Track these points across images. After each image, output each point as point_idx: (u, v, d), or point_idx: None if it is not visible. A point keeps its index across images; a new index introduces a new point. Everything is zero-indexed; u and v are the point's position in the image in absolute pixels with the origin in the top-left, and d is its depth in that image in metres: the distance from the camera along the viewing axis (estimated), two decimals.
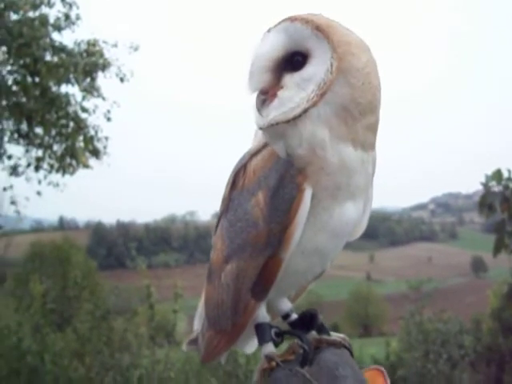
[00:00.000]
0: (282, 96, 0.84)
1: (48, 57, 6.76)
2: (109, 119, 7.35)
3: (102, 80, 7.27)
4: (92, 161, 7.52)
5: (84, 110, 7.26)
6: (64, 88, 7.12)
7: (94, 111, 7.32)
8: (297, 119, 0.82)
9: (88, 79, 7.13)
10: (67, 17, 6.86)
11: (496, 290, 7.25)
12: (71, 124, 7.25)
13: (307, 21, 0.82)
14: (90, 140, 7.36)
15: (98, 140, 7.43)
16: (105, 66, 7.12)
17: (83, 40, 7.06)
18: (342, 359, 0.85)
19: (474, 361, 6.56)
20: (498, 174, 4.80)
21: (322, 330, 0.93)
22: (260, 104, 0.86)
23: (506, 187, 4.77)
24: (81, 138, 7.36)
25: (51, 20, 6.76)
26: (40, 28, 6.46)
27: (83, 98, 7.22)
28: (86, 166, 7.47)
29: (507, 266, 5.85)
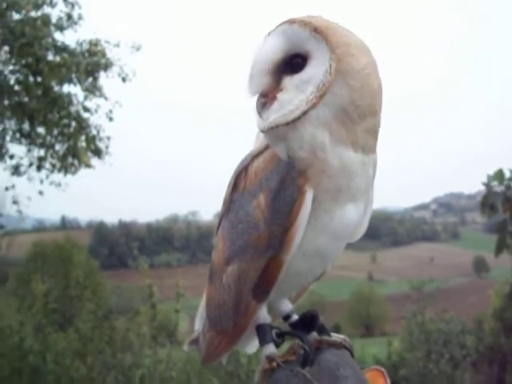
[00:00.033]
0: (281, 98, 0.85)
1: (50, 56, 6.77)
2: (111, 119, 7.36)
3: (104, 80, 7.30)
4: (94, 160, 7.54)
5: (86, 109, 7.27)
6: (66, 88, 7.15)
7: (96, 111, 7.34)
8: (296, 121, 0.82)
9: (90, 79, 7.13)
10: (69, 16, 6.87)
11: (498, 290, 7.24)
12: (73, 124, 7.26)
13: (305, 23, 0.82)
14: (91, 140, 7.37)
15: (100, 140, 7.44)
16: (107, 65, 7.12)
17: (85, 40, 7.07)
18: (342, 360, 0.86)
19: (476, 361, 6.56)
20: (499, 174, 4.79)
21: (322, 330, 0.93)
22: (260, 107, 0.87)
23: (508, 187, 4.76)
24: (83, 137, 7.37)
25: (53, 20, 6.77)
26: (42, 28, 6.47)
27: (85, 97, 7.23)
28: (88, 166, 7.48)
29: (509, 265, 5.84)
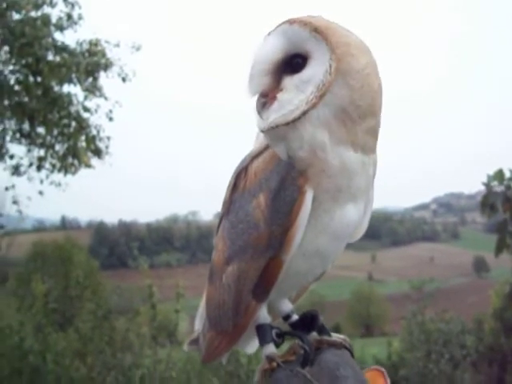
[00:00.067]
0: (281, 98, 0.85)
1: (50, 56, 6.77)
2: (111, 119, 7.36)
3: (104, 80, 7.30)
4: (94, 160, 7.54)
5: (86, 109, 7.28)
6: (66, 88, 7.15)
7: (96, 111, 7.34)
8: (296, 121, 0.81)
9: (90, 79, 7.14)
10: (69, 16, 6.87)
11: (498, 290, 7.24)
12: (73, 124, 7.26)
13: (305, 23, 0.82)
14: (91, 140, 7.37)
15: (100, 140, 7.44)
16: (107, 65, 7.12)
17: (85, 40, 7.07)
18: (342, 360, 0.85)
19: (476, 361, 6.56)
20: (499, 174, 4.79)
21: (322, 330, 0.93)
22: (260, 107, 0.87)
23: (508, 187, 4.76)
24: (83, 137, 7.37)
25: (53, 20, 6.77)
26: (42, 28, 6.47)
27: (85, 97, 7.23)
28: (88, 166, 7.48)
29: (509, 265, 5.84)
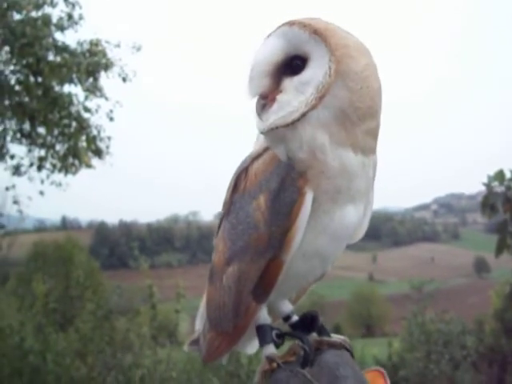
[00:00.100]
0: (281, 100, 0.85)
1: (51, 56, 6.76)
2: (111, 119, 7.35)
3: (105, 80, 7.28)
4: (94, 160, 7.53)
5: (86, 109, 7.27)
6: (67, 88, 7.13)
7: (97, 111, 7.32)
8: (296, 123, 0.82)
9: (91, 79, 7.12)
10: (70, 17, 6.86)
11: (498, 290, 7.25)
12: (74, 124, 7.25)
13: (305, 25, 0.83)
14: (92, 140, 7.36)
15: (101, 140, 7.43)
16: (107, 65, 7.11)
17: (86, 40, 7.06)
18: (342, 360, 0.85)
19: (477, 361, 6.56)
20: (500, 175, 4.77)
21: (322, 331, 0.93)
22: (260, 109, 0.87)
23: (509, 188, 4.74)
24: (83, 137, 7.36)
25: (54, 20, 6.76)
26: (43, 28, 6.46)
27: (86, 97, 7.22)
28: (89, 166, 7.47)
29: (510, 266, 5.85)
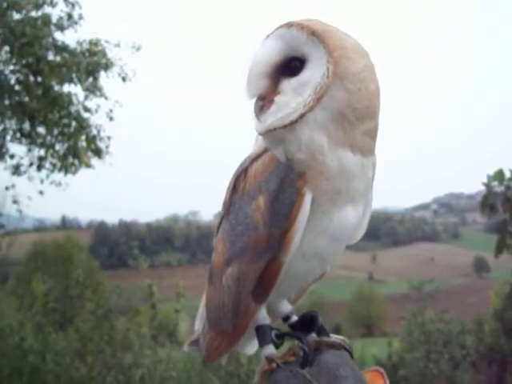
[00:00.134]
0: (279, 101, 0.85)
1: (50, 56, 6.77)
2: (111, 119, 7.37)
3: (105, 80, 7.30)
4: (94, 160, 7.55)
5: (86, 109, 7.28)
6: (66, 87, 7.15)
7: (97, 111, 7.35)
8: (294, 124, 0.82)
9: (90, 79, 7.13)
10: (70, 16, 6.88)
11: (498, 290, 7.25)
12: (73, 123, 7.26)
13: (303, 26, 0.83)
14: (92, 139, 7.37)
15: (101, 139, 7.44)
16: (107, 65, 7.12)
17: (86, 40, 7.07)
18: (342, 360, 0.85)
19: (476, 361, 6.55)
20: (499, 175, 4.77)
21: (321, 331, 0.93)
22: (258, 110, 0.87)
23: (508, 187, 4.74)
24: (83, 137, 7.37)
25: (54, 19, 6.78)
26: (42, 27, 6.47)
27: (85, 97, 7.24)
28: (89, 166, 7.48)
29: (509, 266, 5.85)
